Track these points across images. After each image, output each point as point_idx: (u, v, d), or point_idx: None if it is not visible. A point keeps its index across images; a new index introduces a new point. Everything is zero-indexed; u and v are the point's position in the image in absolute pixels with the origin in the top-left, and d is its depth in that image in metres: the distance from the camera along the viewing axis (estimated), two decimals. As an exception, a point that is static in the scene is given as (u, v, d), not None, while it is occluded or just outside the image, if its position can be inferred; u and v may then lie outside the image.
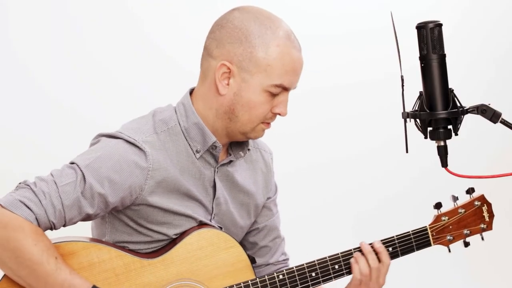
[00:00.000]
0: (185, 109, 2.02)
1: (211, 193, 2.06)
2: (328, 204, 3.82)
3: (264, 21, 1.96)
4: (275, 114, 2.01)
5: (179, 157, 1.99)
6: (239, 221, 2.14)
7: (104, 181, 1.89)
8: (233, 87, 1.96)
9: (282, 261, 2.28)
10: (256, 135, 2.04)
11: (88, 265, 1.90)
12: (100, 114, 3.34)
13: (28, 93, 3.36)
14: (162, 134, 1.99)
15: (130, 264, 1.94)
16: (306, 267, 2.05)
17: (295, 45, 1.99)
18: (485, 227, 2.15)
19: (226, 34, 1.96)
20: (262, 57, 1.94)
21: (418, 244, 2.12)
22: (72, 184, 1.86)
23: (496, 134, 3.17)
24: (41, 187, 1.85)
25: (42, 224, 1.84)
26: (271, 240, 2.25)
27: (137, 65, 3.50)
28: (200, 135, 2.00)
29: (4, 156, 3.31)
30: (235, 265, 2.03)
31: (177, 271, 1.98)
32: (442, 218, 2.12)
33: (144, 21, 3.54)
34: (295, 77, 2.00)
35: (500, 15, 4.05)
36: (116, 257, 1.94)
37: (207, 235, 2.01)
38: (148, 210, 1.98)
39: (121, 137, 1.95)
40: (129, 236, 2.00)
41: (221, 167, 2.07)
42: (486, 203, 2.15)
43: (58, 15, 3.41)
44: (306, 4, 3.83)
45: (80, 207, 1.87)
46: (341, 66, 3.82)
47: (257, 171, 2.19)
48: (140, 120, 2.04)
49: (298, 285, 2.04)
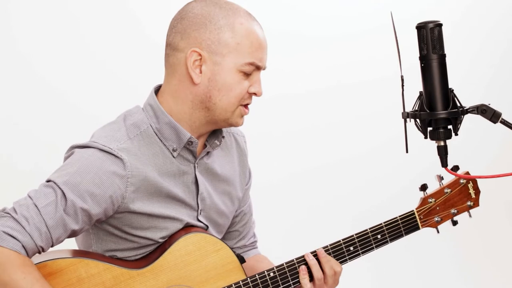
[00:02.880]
0: (153, 110, 1.99)
1: (193, 190, 2.04)
2: (328, 204, 3.82)
3: (223, 5, 1.96)
4: (251, 94, 1.99)
5: (156, 159, 1.97)
6: (224, 210, 2.13)
7: (85, 195, 1.86)
8: (206, 73, 1.95)
9: (249, 244, 2.28)
10: (237, 121, 2.00)
11: (77, 281, 1.88)
12: (102, 111, 3.33)
13: (31, 89, 3.37)
14: (136, 139, 1.96)
15: (119, 276, 1.92)
16: (296, 263, 2.05)
17: (256, 23, 1.98)
18: (472, 204, 2.14)
19: (189, 24, 1.95)
20: (229, 36, 1.93)
21: (406, 229, 2.12)
22: (53, 204, 1.83)
23: (496, 134, 3.17)
24: (22, 213, 1.80)
25: (30, 250, 1.81)
26: (242, 226, 2.25)
27: (140, 62, 3.51)
28: (173, 133, 1.98)
29: (8, 152, 3.32)
30: (225, 267, 2.02)
31: (167, 278, 1.96)
32: (429, 200, 2.12)
33: (146, 20, 3.54)
34: (264, 55, 1.98)
35: (500, 15, 4.05)
36: (104, 270, 1.91)
37: (194, 240, 2.00)
38: (132, 217, 1.95)
39: (96, 146, 1.91)
40: (115, 244, 1.98)
41: (200, 161, 2.05)
42: (471, 180, 2.13)
43: (61, 13, 3.42)
44: (306, 5, 3.83)
45: (65, 225, 1.85)
46: (341, 66, 3.83)
47: (233, 156, 2.17)
48: (111, 126, 2.00)
49: (290, 281, 2.04)
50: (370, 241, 2.10)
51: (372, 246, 2.11)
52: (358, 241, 2.10)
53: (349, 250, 2.08)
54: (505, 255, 3.97)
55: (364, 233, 2.10)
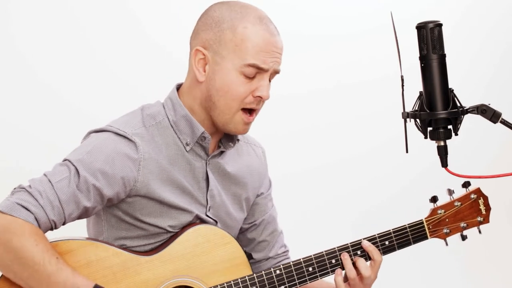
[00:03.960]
0: (172, 103, 2.04)
1: (203, 186, 2.07)
2: (328, 204, 3.82)
3: (236, 9, 1.99)
4: (257, 98, 2.00)
5: (168, 150, 2.01)
6: (233, 212, 2.15)
7: (97, 174, 1.90)
8: (208, 72, 1.99)
9: (282, 253, 2.29)
10: (237, 127, 2.02)
11: (85, 263, 1.90)
12: (102, 111, 3.34)
13: (31, 89, 3.38)
14: (151, 129, 2.01)
15: (128, 262, 1.95)
16: (303, 262, 2.05)
17: (267, 27, 1.98)
18: (482, 220, 2.14)
19: (201, 24, 2.02)
20: (229, 38, 1.96)
21: (414, 237, 2.12)
22: (66, 180, 1.88)
23: (496, 134, 3.17)
24: (36, 187, 1.86)
25: (42, 223, 1.85)
26: (269, 234, 2.26)
27: (140, 62, 3.51)
28: (188, 127, 2.02)
29: (9, 153, 3.32)
30: (232, 261, 2.03)
31: (174, 268, 1.98)
32: (438, 212, 2.12)
33: (146, 20, 3.54)
34: (268, 57, 1.97)
35: (500, 15, 4.05)
36: (113, 254, 1.94)
37: (203, 232, 2.02)
38: (143, 202, 1.98)
39: (111, 130, 1.97)
40: (126, 231, 2.01)
41: (212, 159, 2.08)
42: (482, 196, 2.14)
43: (61, 13, 3.42)
44: (306, 5, 3.83)
45: (77, 201, 1.89)
46: (341, 66, 3.83)
47: (248, 162, 2.19)
48: (128, 114, 2.06)
49: (296, 280, 2.05)
50: (378, 247, 2.09)
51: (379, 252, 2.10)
52: None
53: (356, 254, 2.08)
54: (505, 255, 3.97)
55: (372, 238, 2.10)
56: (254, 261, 2.25)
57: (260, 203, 2.24)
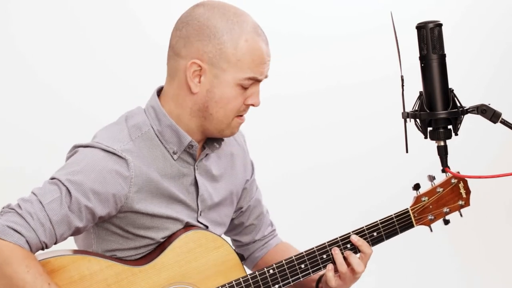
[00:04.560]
0: (155, 113, 2.00)
1: (193, 192, 2.05)
2: (328, 204, 3.82)
3: (230, 17, 1.94)
4: (248, 105, 2.00)
5: (156, 161, 1.98)
6: (225, 210, 2.14)
7: (89, 194, 1.87)
8: (205, 84, 1.95)
9: (269, 234, 2.30)
10: (232, 131, 2.02)
11: (79, 278, 1.88)
12: (102, 111, 3.33)
13: (31, 89, 3.38)
14: (137, 140, 1.97)
15: (121, 273, 1.93)
16: (295, 259, 2.06)
17: (262, 38, 1.97)
18: (463, 204, 2.15)
19: (193, 32, 1.95)
20: (231, 53, 1.93)
21: (401, 227, 2.14)
22: (57, 201, 1.84)
23: (496, 134, 3.17)
24: (27, 209, 1.81)
25: (34, 246, 1.82)
26: (255, 218, 2.26)
27: (140, 63, 3.51)
28: (175, 136, 1.99)
29: (9, 153, 3.32)
30: (225, 264, 2.03)
31: (168, 275, 1.97)
32: (422, 199, 2.14)
33: (146, 20, 3.54)
34: (264, 68, 1.98)
35: (500, 15, 4.05)
36: (106, 267, 1.92)
37: (195, 237, 2.01)
38: (134, 216, 1.96)
39: (99, 147, 1.92)
40: (117, 243, 1.99)
41: (199, 163, 2.06)
42: (462, 180, 2.15)
43: (61, 13, 3.43)
44: (305, 5, 3.83)
45: (69, 222, 1.86)
46: (341, 66, 3.83)
47: (233, 155, 2.17)
48: (113, 127, 2.01)
49: (289, 278, 2.05)
50: (367, 239, 2.11)
51: (368, 243, 2.11)
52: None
53: (346, 247, 2.09)
54: (505, 255, 3.97)
55: (360, 230, 2.11)
56: (242, 244, 2.26)
57: (246, 188, 2.23)
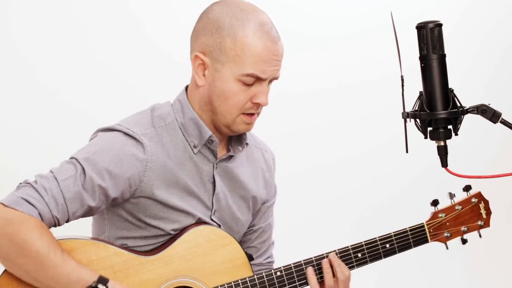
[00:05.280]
0: (181, 105, 2.05)
1: (210, 189, 2.07)
2: (328, 204, 3.82)
3: (237, 13, 1.97)
4: (255, 104, 2.01)
5: (176, 152, 2.01)
6: (240, 216, 2.15)
7: (103, 173, 1.91)
8: (208, 77, 1.99)
9: (266, 263, 2.29)
10: (239, 128, 2.03)
11: (86, 262, 1.91)
12: (102, 111, 3.35)
13: (31, 90, 3.38)
14: (160, 129, 2.01)
15: (128, 262, 1.95)
16: (303, 263, 2.06)
17: (268, 36, 1.97)
18: (483, 224, 2.15)
19: (201, 27, 2.00)
20: (229, 47, 1.95)
21: (415, 241, 2.13)
22: (72, 178, 1.89)
23: (496, 134, 3.17)
24: (42, 184, 1.86)
25: (46, 219, 1.85)
26: (261, 242, 2.26)
27: (140, 63, 3.51)
28: (196, 130, 2.02)
29: (9, 153, 3.32)
30: (233, 262, 2.03)
31: (174, 268, 1.98)
32: (439, 215, 2.13)
33: (146, 20, 3.54)
34: (268, 67, 1.98)
35: (500, 15, 4.05)
36: (114, 254, 1.94)
37: (204, 232, 2.02)
38: (147, 203, 1.99)
39: (119, 129, 1.98)
40: (128, 231, 2.01)
41: (220, 162, 2.08)
42: (483, 200, 2.14)
43: (61, 13, 3.43)
44: (306, 5, 3.83)
45: (82, 200, 1.89)
46: (341, 66, 3.83)
47: (257, 169, 2.20)
48: (138, 114, 2.07)
49: (296, 282, 2.05)
50: (379, 250, 2.10)
51: (380, 255, 2.11)
52: (366, 248, 2.10)
53: (357, 256, 2.08)
54: (505, 255, 3.97)
55: (373, 241, 2.10)
56: None
57: (262, 210, 2.24)
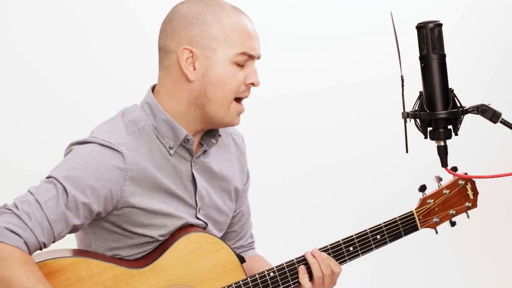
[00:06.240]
0: (150, 108, 2.01)
1: (191, 188, 2.05)
2: (328, 204, 3.82)
3: (208, 2, 1.99)
4: (248, 85, 2.01)
5: (152, 156, 1.98)
6: (224, 208, 2.14)
7: (86, 189, 1.87)
8: (199, 69, 1.97)
9: (247, 245, 2.29)
10: (233, 119, 2.02)
11: (77, 280, 1.88)
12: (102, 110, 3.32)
13: (31, 88, 3.38)
14: (134, 135, 1.98)
15: (120, 276, 1.93)
16: (296, 262, 2.06)
17: (243, 14, 2.00)
18: (470, 205, 2.15)
19: (177, 24, 1.99)
20: (218, 30, 1.95)
21: (405, 229, 2.13)
22: (54, 199, 1.84)
23: (496, 134, 3.17)
24: (24, 209, 1.81)
25: (32, 247, 1.82)
26: (240, 226, 2.26)
27: (140, 62, 3.48)
28: (170, 131, 1.99)
29: (9, 153, 3.32)
30: (225, 267, 2.02)
31: (167, 278, 1.97)
32: (428, 201, 2.13)
33: (146, 20, 3.54)
34: (255, 43, 2.00)
35: (500, 15, 4.05)
36: (105, 269, 1.92)
37: (194, 239, 2.00)
38: (131, 212, 1.96)
39: (95, 141, 1.93)
40: (116, 242, 1.99)
41: (197, 159, 2.06)
42: (469, 181, 2.14)
43: (61, 13, 3.42)
44: (306, 5, 3.83)
45: (66, 220, 1.86)
46: (341, 66, 3.83)
47: (231, 154, 2.18)
48: (110, 122, 2.03)
49: (290, 281, 2.05)
50: (370, 242, 2.10)
51: (371, 247, 2.11)
52: (357, 241, 2.10)
53: (348, 250, 2.09)
54: (505, 255, 3.97)
55: (364, 233, 2.11)
56: None
57: (240, 194, 2.23)
